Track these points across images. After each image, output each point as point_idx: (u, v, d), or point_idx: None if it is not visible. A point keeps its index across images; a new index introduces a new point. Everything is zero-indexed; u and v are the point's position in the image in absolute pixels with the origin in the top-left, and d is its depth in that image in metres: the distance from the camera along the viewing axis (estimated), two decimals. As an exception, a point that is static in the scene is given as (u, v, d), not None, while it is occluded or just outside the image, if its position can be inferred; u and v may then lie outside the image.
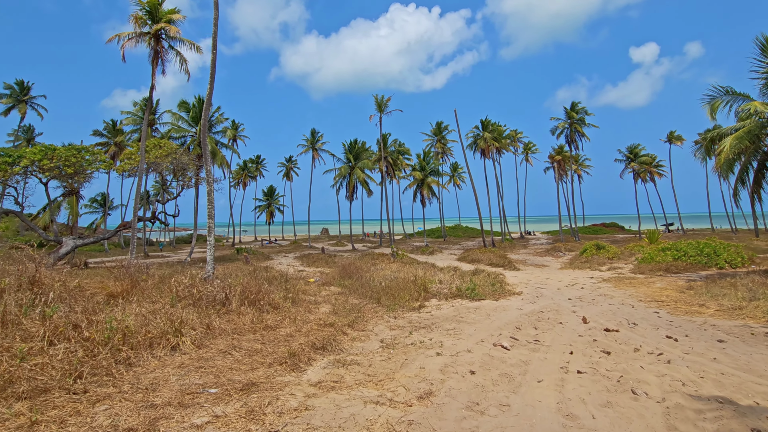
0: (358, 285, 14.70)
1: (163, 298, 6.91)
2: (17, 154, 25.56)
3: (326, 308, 10.07)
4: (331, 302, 11.57)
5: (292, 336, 6.01)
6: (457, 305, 10.37)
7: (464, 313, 9.18)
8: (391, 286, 13.07)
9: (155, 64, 20.00)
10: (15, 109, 49.53)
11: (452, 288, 12.12)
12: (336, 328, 7.08)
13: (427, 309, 9.91)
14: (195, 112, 33.35)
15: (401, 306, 10.11)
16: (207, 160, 12.69)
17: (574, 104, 49.04)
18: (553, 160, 54.95)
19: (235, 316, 6.56)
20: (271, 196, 72.45)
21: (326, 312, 9.22)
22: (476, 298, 11.27)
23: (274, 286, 10.79)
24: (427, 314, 9.21)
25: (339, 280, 17.50)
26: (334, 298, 12.89)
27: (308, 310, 9.06)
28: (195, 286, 7.23)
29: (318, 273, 22.82)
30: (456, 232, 67.62)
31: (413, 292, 11.75)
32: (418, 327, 7.76)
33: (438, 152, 56.75)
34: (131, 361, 4.32)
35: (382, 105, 35.23)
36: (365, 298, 12.28)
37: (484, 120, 45.04)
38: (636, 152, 55.10)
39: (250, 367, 4.49)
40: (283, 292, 10.20)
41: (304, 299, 11.50)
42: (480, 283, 13.36)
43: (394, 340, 6.65)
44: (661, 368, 5.28)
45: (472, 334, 7.13)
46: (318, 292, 14.82)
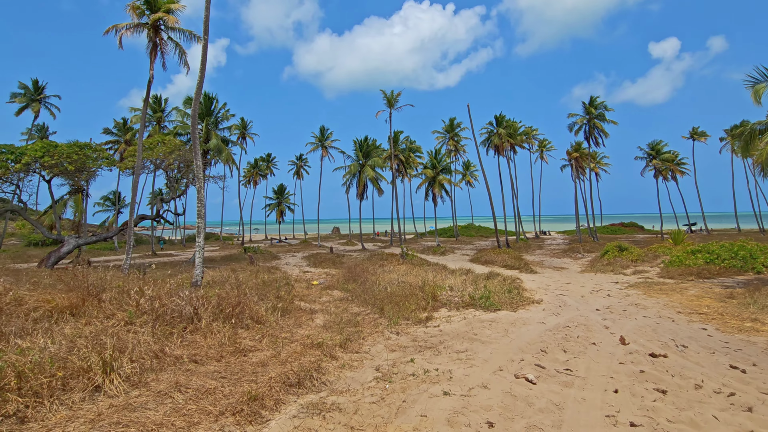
0: (362, 290, 13.56)
1: (123, 312, 5.85)
2: (19, 151, 25.03)
3: (321, 320, 8.94)
4: (330, 311, 10.44)
5: (266, 364, 4.88)
6: (469, 317, 9.13)
7: (478, 329, 7.93)
8: (396, 292, 11.88)
9: (153, 56, 19.12)
10: (28, 108, 49.63)
11: (464, 296, 10.87)
12: (325, 350, 5.93)
13: (435, 322, 8.69)
14: (201, 108, 32.55)
15: (406, 317, 8.92)
16: (197, 154, 11.67)
17: (592, 99, 47.08)
18: (571, 157, 53.02)
19: (200, 337, 5.46)
20: (282, 195, 71.83)
21: (319, 325, 8.09)
22: (491, 309, 10.00)
23: (265, 293, 9.69)
24: (435, 329, 7.99)
25: (343, 284, 16.42)
26: (335, 305, 11.77)
27: (299, 323, 7.93)
28: (159, 298, 6.16)
29: (324, 274, 21.76)
30: (469, 232, 66.04)
31: (420, 301, 10.54)
32: (423, 347, 6.56)
33: (450, 150, 55.19)
34: (25, 415, 3.24)
35: (392, 100, 33.97)
36: (368, 305, 11.13)
37: (499, 115, 43.46)
38: (658, 149, 52.76)
39: (189, 421, 3.35)
40: (272, 301, 9.09)
41: (299, 307, 10.40)
42: (495, 289, 12.07)
43: (392, 366, 5.47)
44: (741, 419, 3.99)
45: (488, 359, 5.90)
46: (319, 297, 13.72)
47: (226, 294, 7.31)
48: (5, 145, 24.55)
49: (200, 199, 11.18)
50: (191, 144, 32.20)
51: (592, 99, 47.05)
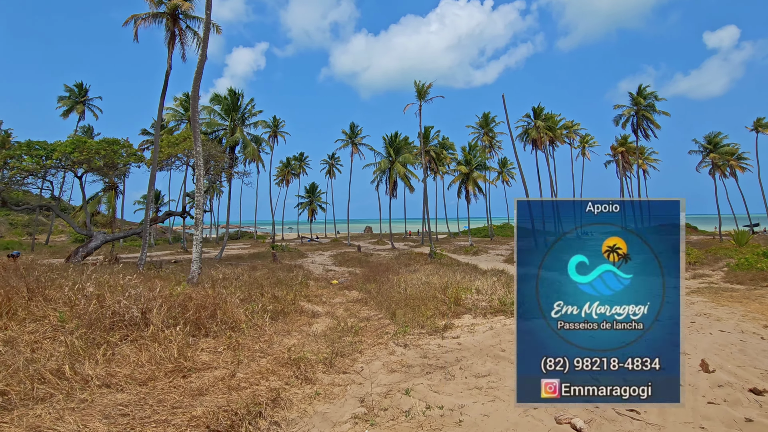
0: (378, 291, 12.22)
1: (60, 313, 4.79)
2: (51, 147, 25.38)
3: (322, 325, 7.61)
4: (337, 315, 9.13)
5: (204, 392, 3.60)
6: (498, 326, 7.52)
7: (507, 343, 6.34)
8: (415, 294, 10.42)
9: (171, 46, 18.58)
10: (73, 111, 51.60)
11: (493, 300, 9.23)
12: (303, 368, 4.58)
13: (454, 332, 7.15)
14: (226, 104, 32.32)
15: (421, 325, 7.44)
16: (197, 139, 10.69)
17: (641, 88, 43.47)
18: (616, 151, 49.34)
19: (136, 349, 4.25)
20: (313, 193, 71.72)
21: (316, 333, 6.77)
22: (526, 317, 8.36)
23: (255, 293, 8.48)
24: (453, 341, 6.47)
25: (362, 284, 15.13)
26: (345, 308, 10.46)
27: (291, 330, 6.63)
28: (99, 298, 5.04)
29: (347, 273, 20.55)
30: (505, 232, 63.16)
31: (441, 305, 9.01)
32: (433, 368, 5.07)
33: (485, 146, 52.79)
34: None
35: (423, 92, 32.37)
36: (382, 308, 9.75)
37: (537, 107, 40.83)
38: (716, 142, 48.08)
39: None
40: (264, 301, 7.84)
41: (302, 309, 9.13)
42: (531, 293, 10.38)
43: (384, 397, 4.04)
44: None
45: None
46: (332, 297, 12.48)
47: (196, 293, 6.15)
48: (38, 141, 24.95)
49: (199, 188, 10.19)
50: (215, 138, 31.94)
51: (641, 88, 43.45)
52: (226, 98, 32.16)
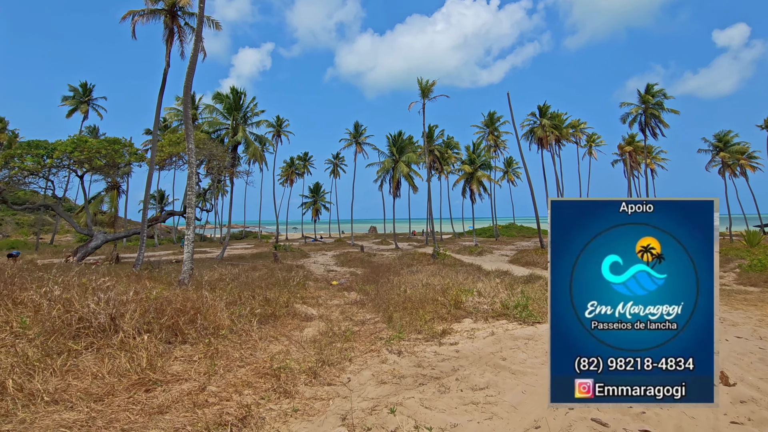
0: (377, 293, 11.85)
1: (23, 317, 4.45)
2: (51, 147, 25.27)
3: (313, 330, 7.23)
4: (333, 317, 8.76)
5: (165, 410, 3.21)
6: (499, 332, 7.10)
7: (509, 350, 5.92)
8: (414, 296, 10.02)
9: (169, 43, 18.30)
10: (78, 110, 51.71)
11: (495, 303, 8.80)
12: (283, 381, 4.19)
13: (453, 337, 6.74)
14: (228, 103, 32.07)
15: (418, 330, 7.04)
16: (189, 136, 10.34)
17: (649, 86, 42.73)
18: (623, 151, 48.59)
19: (99, 358, 3.89)
20: (318, 193, 71.46)
21: (306, 338, 6.39)
22: (529, 321, 7.89)
23: (245, 296, 8.11)
24: (450, 348, 6.06)
25: (362, 285, 14.76)
26: (341, 310, 10.08)
27: (275, 337, 6.25)
28: (65, 301, 4.67)
29: (348, 274, 20.18)
30: (510, 232, 62.55)
31: (440, 308, 8.60)
32: (428, 378, 4.67)
33: (490, 145, 52.21)
34: None
35: (426, 90, 31.92)
36: (380, 311, 9.37)
37: (542, 106, 40.19)
38: (726, 140, 47.17)
39: None
40: (254, 304, 7.47)
41: (295, 312, 8.76)
42: (535, 295, 9.88)
43: (369, 414, 3.64)
44: None
45: (518, 405, 3.94)
46: (330, 299, 12.11)
47: (175, 296, 5.78)
48: (38, 141, 24.85)
49: (191, 186, 9.85)
50: (217, 137, 31.69)
51: (649, 86, 42.71)
52: (228, 97, 31.90)
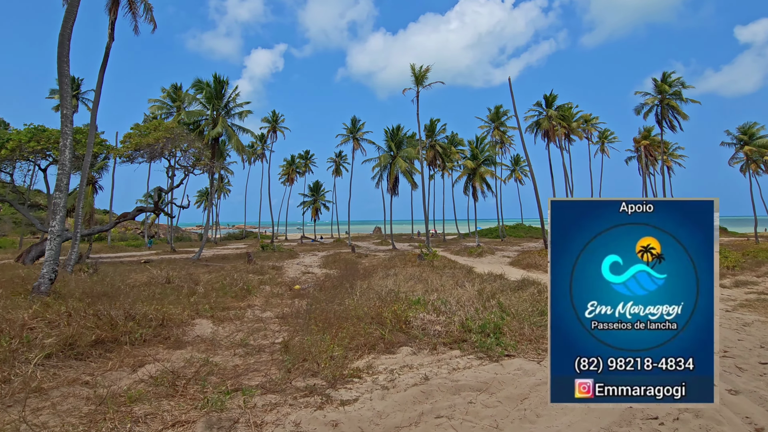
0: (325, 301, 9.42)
1: None
2: (6, 137, 23.31)
3: (156, 367, 4.75)
4: (222, 341, 6.26)
5: None
6: (438, 377, 4.48)
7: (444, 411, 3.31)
8: (355, 308, 7.46)
9: (113, 13, 16.04)
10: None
11: (452, 323, 6.15)
12: None
13: (360, 385, 4.15)
14: (210, 92, 29.86)
15: (315, 370, 4.49)
16: (65, 98, 7.94)
17: (665, 75, 39.37)
18: (639, 144, 45.22)
19: None
20: (318, 192, 69.20)
21: (125, 385, 3.92)
22: (492, 355, 5.22)
23: (146, 304, 5.65)
24: (332, 415, 3.48)
25: (319, 290, 12.40)
26: (257, 327, 7.58)
27: (65, 384, 3.77)
28: None
29: (323, 276, 17.69)
30: (517, 232, 59.46)
31: (375, 328, 6.01)
32: None
33: (496, 141, 49.26)
34: None
35: (420, 77, 29.31)
36: (303, 329, 6.84)
37: (549, 95, 37.17)
38: (751, 132, 43.40)
39: None
40: (103, 323, 4.99)
41: (183, 333, 6.28)
42: (517, 309, 7.18)
43: None
44: None
45: None
46: (265, 309, 9.65)
47: None
48: (-7, 130, 22.96)
49: (63, 170, 7.47)
50: (197, 127, 29.44)
51: (665, 75, 39.38)
52: (209, 85, 29.70)
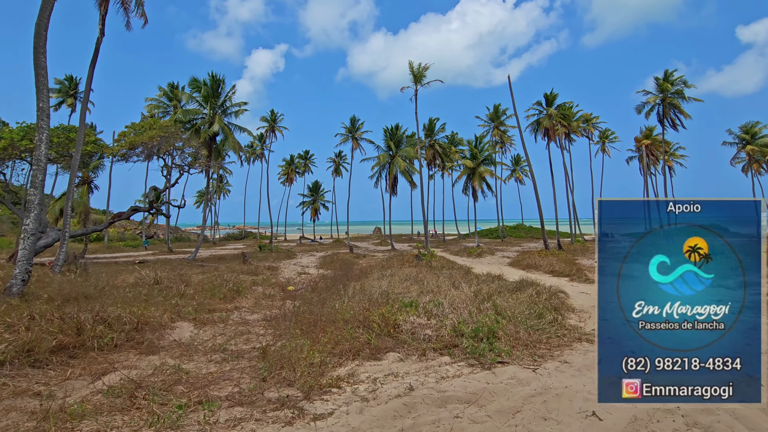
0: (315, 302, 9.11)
1: None
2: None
3: (118, 376, 4.42)
4: (199, 345, 5.92)
5: None
6: (428, 381, 4.15)
7: (426, 427, 2.97)
8: (343, 311, 7.12)
9: (103, 8, 15.73)
10: (65, 103, 49.93)
11: (444, 327, 5.81)
12: None
13: (338, 396, 3.81)
14: (206, 90, 29.56)
15: (292, 379, 4.16)
16: (41, 91, 7.61)
17: (667, 73, 38.98)
18: (640, 144, 44.83)
19: None
20: (317, 192, 68.85)
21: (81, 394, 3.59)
22: (485, 361, 4.88)
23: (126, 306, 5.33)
24: (307, 428, 3.14)
25: (311, 292, 12.10)
26: (241, 331, 7.25)
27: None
28: None
29: (318, 277, 17.36)
30: (517, 233, 59.08)
31: (361, 332, 5.67)
32: None
33: (496, 141, 48.91)
34: None
35: (419, 75, 28.97)
36: (288, 333, 6.51)
37: (549, 94, 36.83)
38: (753, 132, 43.07)
39: None
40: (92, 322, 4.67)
41: (160, 338, 5.95)
42: (514, 312, 6.82)
43: None
44: None
45: None
46: (254, 311, 9.31)
47: None
48: (-15, 129, 22.72)
49: (38, 166, 7.16)
50: (193, 126, 29.13)
51: (667, 73, 39.00)
52: (206, 83, 29.41)
